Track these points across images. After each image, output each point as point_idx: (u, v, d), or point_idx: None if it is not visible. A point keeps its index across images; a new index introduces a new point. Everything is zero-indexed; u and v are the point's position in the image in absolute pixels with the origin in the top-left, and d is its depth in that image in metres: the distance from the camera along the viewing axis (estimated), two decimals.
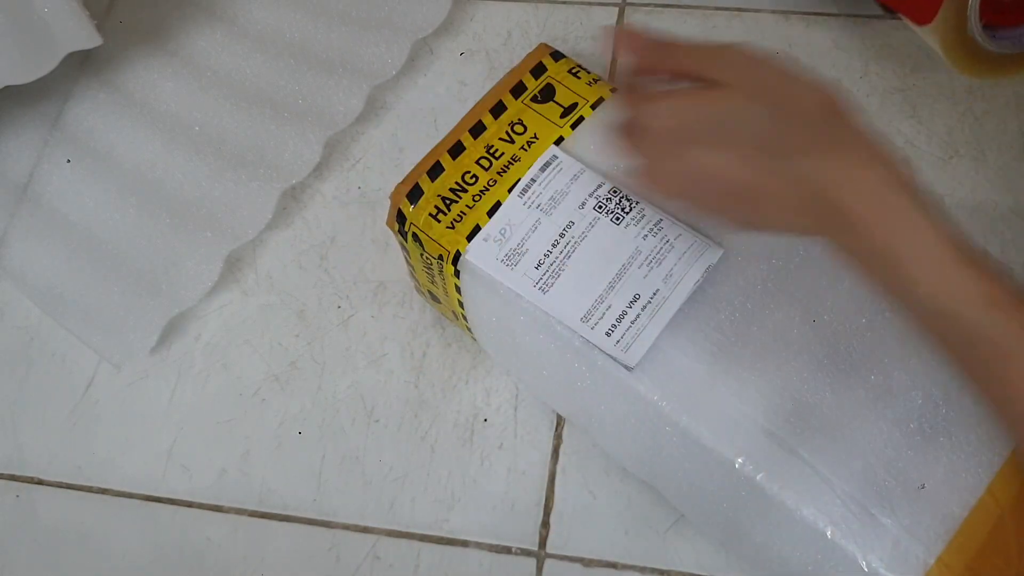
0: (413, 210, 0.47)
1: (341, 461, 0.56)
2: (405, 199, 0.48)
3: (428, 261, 0.49)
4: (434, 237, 0.47)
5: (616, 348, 0.43)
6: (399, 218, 0.48)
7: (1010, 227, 0.57)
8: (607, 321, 0.43)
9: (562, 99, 0.49)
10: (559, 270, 0.45)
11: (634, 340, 0.43)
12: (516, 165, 0.47)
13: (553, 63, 0.51)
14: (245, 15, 0.71)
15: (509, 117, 0.49)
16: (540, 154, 0.47)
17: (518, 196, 0.46)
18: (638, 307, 0.43)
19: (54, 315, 0.61)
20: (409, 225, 0.48)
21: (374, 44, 0.67)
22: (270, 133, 0.65)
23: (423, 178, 0.48)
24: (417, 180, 0.48)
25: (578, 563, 0.52)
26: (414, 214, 0.47)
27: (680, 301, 0.43)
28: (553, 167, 0.47)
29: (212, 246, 0.61)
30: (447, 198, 0.47)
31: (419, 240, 0.48)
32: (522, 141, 0.48)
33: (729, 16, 0.67)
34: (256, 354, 0.59)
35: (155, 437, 0.58)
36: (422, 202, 0.47)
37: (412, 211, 0.47)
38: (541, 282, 0.45)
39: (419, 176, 0.48)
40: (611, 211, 0.46)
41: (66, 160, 0.66)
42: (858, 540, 0.39)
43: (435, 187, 0.47)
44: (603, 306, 0.44)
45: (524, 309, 0.45)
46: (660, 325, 0.43)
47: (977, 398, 0.34)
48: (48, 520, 0.57)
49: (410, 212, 0.47)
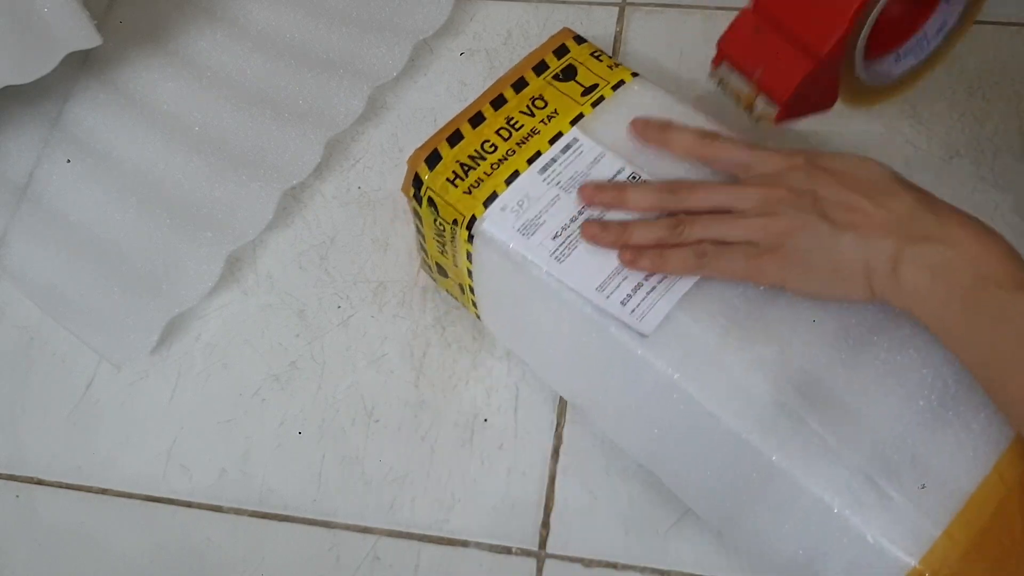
0: (431, 175, 0.48)
1: (341, 461, 0.56)
2: (423, 163, 0.48)
3: (441, 227, 0.49)
4: (450, 201, 0.47)
5: (631, 316, 0.43)
6: (415, 182, 0.48)
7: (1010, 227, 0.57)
8: (623, 291, 0.44)
9: (583, 79, 0.50)
10: (576, 242, 0.45)
11: (649, 309, 0.43)
12: (536, 138, 0.48)
13: (576, 46, 0.52)
14: (245, 15, 0.71)
15: (531, 92, 0.50)
16: (559, 128, 0.48)
17: (538, 172, 0.47)
18: (654, 279, 0.44)
19: (54, 315, 0.61)
20: (425, 189, 0.48)
21: (375, 45, 0.67)
22: (271, 134, 0.65)
23: (443, 144, 0.48)
24: (436, 146, 0.48)
25: (578, 563, 0.52)
26: (431, 179, 0.48)
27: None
28: (574, 149, 0.48)
29: (212, 246, 0.61)
30: (465, 164, 0.48)
31: (434, 204, 0.48)
32: (542, 115, 0.49)
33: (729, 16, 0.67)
34: (256, 354, 0.59)
35: (155, 437, 0.58)
36: (440, 167, 0.48)
37: (429, 176, 0.48)
38: (558, 252, 0.45)
39: (439, 142, 0.48)
40: None
41: (66, 160, 0.66)
42: (865, 513, 0.39)
43: (454, 153, 0.48)
44: (619, 277, 0.44)
45: (538, 277, 0.45)
46: (676, 297, 0.43)
47: None
48: (48, 520, 0.57)
49: (427, 177, 0.48)
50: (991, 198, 0.58)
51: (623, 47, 0.67)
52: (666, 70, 0.65)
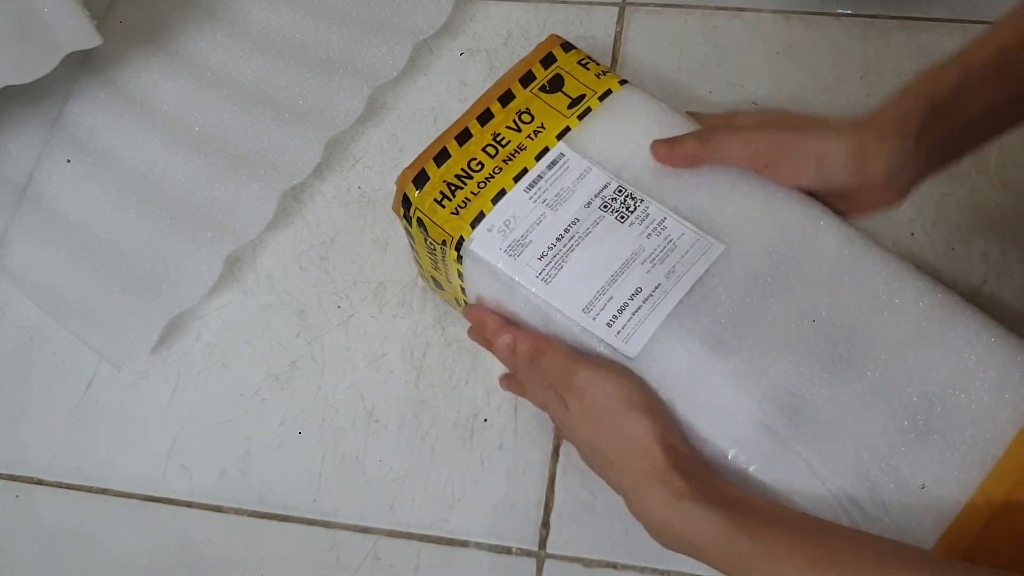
0: (419, 195, 0.48)
1: (341, 461, 0.56)
2: (411, 184, 0.48)
3: (432, 246, 0.49)
4: (438, 222, 0.47)
5: (617, 339, 0.43)
6: (404, 203, 0.48)
7: (1010, 227, 0.57)
8: (608, 312, 0.44)
9: (570, 90, 0.50)
10: (562, 262, 0.45)
11: (635, 331, 0.43)
12: (522, 154, 0.48)
13: (563, 54, 0.51)
14: (245, 15, 0.71)
15: (517, 106, 0.49)
16: (545, 144, 0.48)
17: (524, 191, 0.47)
18: (639, 299, 0.44)
19: (54, 315, 0.61)
20: (414, 210, 0.48)
21: (375, 46, 0.67)
22: (271, 134, 0.65)
23: (429, 164, 0.48)
24: (424, 166, 0.48)
25: (578, 563, 0.52)
26: (419, 199, 0.48)
27: (681, 295, 0.44)
28: (560, 165, 0.47)
29: (213, 246, 0.61)
30: (452, 184, 0.47)
31: (423, 225, 0.48)
32: (528, 130, 0.49)
33: (729, 16, 0.67)
34: (256, 354, 0.59)
35: (155, 437, 0.58)
36: (428, 187, 0.48)
37: (417, 196, 0.48)
38: (544, 272, 0.45)
39: (425, 162, 0.48)
40: (616, 210, 0.46)
41: (66, 160, 0.66)
42: None
43: (441, 173, 0.48)
44: (604, 298, 0.44)
45: (525, 298, 0.45)
46: (660, 317, 0.43)
47: (972, 397, 0.35)
48: (48, 520, 0.57)
49: (415, 197, 0.48)
50: (991, 198, 0.58)
51: (623, 47, 0.67)
52: (666, 70, 0.65)
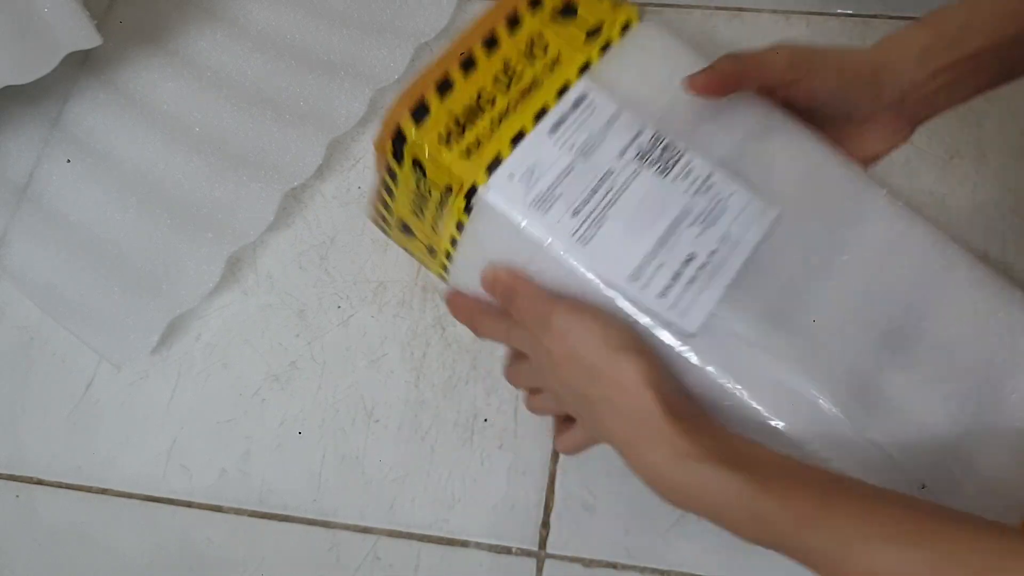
0: (418, 131, 0.39)
1: (341, 461, 0.56)
2: (409, 116, 0.40)
3: (426, 192, 0.42)
4: (444, 164, 0.39)
5: (672, 311, 0.37)
6: (397, 138, 0.40)
7: (1010, 227, 0.57)
8: (660, 281, 0.38)
9: (586, 18, 0.42)
10: (600, 220, 0.38)
11: (692, 303, 0.37)
12: (539, 90, 0.41)
13: None
14: (245, 15, 0.71)
15: (528, 33, 0.42)
16: (566, 79, 0.41)
17: (548, 134, 0.40)
18: (694, 266, 0.38)
19: (54, 315, 0.61)
20: (411, 147, 0.40)
21: (377, 48, 0.67)
22: (271, 134, 0.65)
23: (431, 93, 0.40)
24: (423, 94, 0.40)
25: (578, 563, 0.52)
26: (420, 135, 0.39)
27: (740, 263, 0.38)
28: (586, 106, 0.41)
29: (213, 247, 0.61)
30: (460, 120, 0.40)
31: (421, 167, 0.40)
32: (544, 62, 0.41)
33: (729, 16, 0.67)
34: (256, 354, 0.59)
35: (155, 437, 0.58)
36: (430, 122, 0.39)
37: (416, 132, 0.39)
38: (580, 232, 0.38)
39: (425, 89, 0.40)
40: (655, 162, 0.40)
41: (66, 160, 0.66)
42: None
43: (446, 105, 0.40)
44: (655, 263, 0.38)
45: (556, 261, 0.39)
46: (720, 288, 0.38)
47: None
48: (48, 520, 0.56)
49: (413, 132, 0.40)
50: (991, 198, 0.58)
51: None
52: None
